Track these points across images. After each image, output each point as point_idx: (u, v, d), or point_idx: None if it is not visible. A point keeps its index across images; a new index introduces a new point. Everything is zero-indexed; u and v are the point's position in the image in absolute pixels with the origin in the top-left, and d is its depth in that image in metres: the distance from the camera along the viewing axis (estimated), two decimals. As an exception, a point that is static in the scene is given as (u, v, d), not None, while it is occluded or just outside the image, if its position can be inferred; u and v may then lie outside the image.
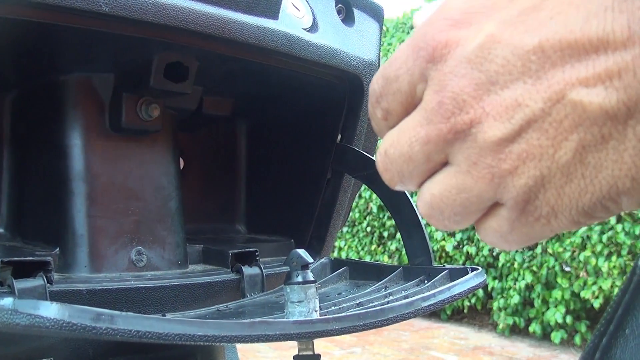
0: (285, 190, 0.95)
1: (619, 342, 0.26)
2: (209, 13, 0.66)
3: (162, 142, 0.77)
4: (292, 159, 0.93)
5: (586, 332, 3.54)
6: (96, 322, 0.46)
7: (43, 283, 0.57)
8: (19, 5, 0.57)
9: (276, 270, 0.79)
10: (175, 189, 0.78)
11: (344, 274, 0.84)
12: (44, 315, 0.46)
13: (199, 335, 0.48)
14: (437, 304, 0.64)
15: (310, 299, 0.58)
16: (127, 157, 0.74)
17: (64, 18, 0.60)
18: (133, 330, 0.46)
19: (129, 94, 0.72)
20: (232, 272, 0.76)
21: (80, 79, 0.72)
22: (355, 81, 0.85)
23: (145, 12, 0.61)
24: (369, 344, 3.79)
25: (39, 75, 0.74)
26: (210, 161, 1.00)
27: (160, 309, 0.67)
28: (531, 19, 0.26)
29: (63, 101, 0.72)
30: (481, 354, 3.64)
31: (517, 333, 3.99)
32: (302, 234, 0.91)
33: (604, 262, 3.28)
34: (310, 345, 0.66)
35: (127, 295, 0.66)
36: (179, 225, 0.77)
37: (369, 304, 0.65)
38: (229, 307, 0.68)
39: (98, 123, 0.72)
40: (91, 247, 0.69)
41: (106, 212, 0.71)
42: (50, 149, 0.73)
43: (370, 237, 5.09)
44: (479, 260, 4.10)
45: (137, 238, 0.72)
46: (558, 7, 0.26)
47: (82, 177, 0.71)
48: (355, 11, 0.87)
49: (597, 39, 0.25)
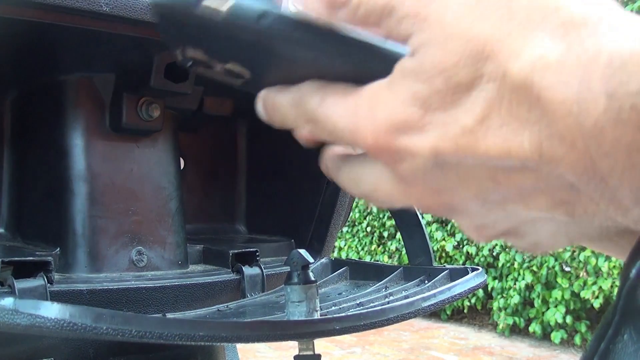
0: (286, 191, 0.95)
1: (617, 347, 0.26)
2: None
3: (163, 142, 0.77)
4: (292, 159, 0.93)
5: (586, 332, 3.54)
6: (97, 322, 0.46)
7: (43, 283, 0.57)
8: (19, 5, 0.57)
9: (277, 270, 0.79)
10: (176, 189, 0.78)
11: (344, 274, 0.84)
12: (45, 315, 0.46)
13: (200, 335, 0.48)
14: (437, 304, 0.64)
15: (310, 299, 0.58)
16: (128, 157, 0.74)
17: (65, 18, 0.60)
18: (134, 330, 0.46)
19: (130, 94, 0.71)
20: (233, 272, 0.76)
21: (80, 79, 0.72)
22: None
23: (146, 12, 0.61)
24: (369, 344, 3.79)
25: (39, 75, 0.74)
26: (210, 161, 1.00)
27: (160, 309, 0.67)
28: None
29: (63, 101, 0.72)
30: (481, 354, 3.64)
31: (517, 333, 3.99)
32: (303, 234, 0.91)
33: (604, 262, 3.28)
34: (311, 345, 0.66)
35: (128, 295, 0.66)
36: (180, 225, 0.77)
37: (369, 304, 0.65)
38: (230, 307, 0.68)
39: (98, 123, 0.72)
40: (91, 247, 0.69)
41: (106, 212, 0.71)
42: (50, 149, 0.73)
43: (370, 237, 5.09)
44: (479, 260, 4.11)
45: (138, 238, 0.72)
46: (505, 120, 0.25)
47: (82, 177, 0.71)
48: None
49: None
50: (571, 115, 0.23)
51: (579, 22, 0.24)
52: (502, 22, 0.25)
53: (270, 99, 0.34)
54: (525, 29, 0.25)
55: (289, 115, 0.33)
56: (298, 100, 0.32)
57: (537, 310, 3.76)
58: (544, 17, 0.25)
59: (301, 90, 0.32)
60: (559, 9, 0.25)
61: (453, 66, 0.25)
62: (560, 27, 0.24)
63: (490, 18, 0.25)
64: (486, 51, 0.25)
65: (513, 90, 0.24)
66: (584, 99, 0.23)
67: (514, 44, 0.24)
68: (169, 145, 0.78)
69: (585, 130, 0.23)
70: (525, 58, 0.24)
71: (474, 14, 0.25)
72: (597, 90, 0.23)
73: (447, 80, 0.25)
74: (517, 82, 0.24)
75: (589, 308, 3.54)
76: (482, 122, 0.25)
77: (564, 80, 0.23)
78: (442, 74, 0.25)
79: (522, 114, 0.24)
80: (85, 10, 0.58)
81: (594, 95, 0.23)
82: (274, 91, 0.33)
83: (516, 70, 0.24)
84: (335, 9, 0.28)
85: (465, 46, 0.25)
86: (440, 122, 0.26)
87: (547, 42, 0.24)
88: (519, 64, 0.24)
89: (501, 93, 0.25)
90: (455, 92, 0.25)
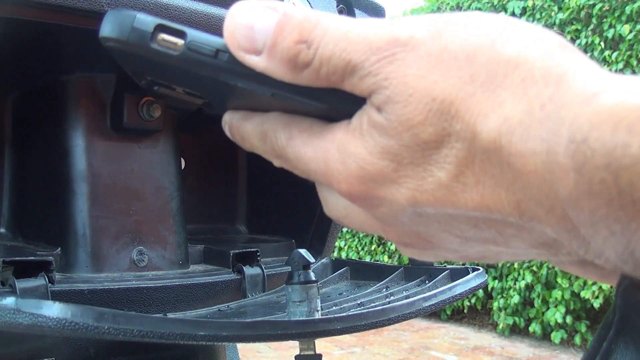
0: (287, 191, 0.95)
1: (619, 348, 0.26)
2: (209, 13, 0.66)
3: (164, 142, 0.77)
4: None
5: (586, 332, 3.54)
6: (98, 322, 0.46)
7: (45, 283, 0.57)
8: (20, 5, 0.57)
9: (277, 270, 0.79)
10: (177, 189, 0.78)
11: (345, 274, 0.85)
12: (46, 315, 0.46)
13: (201, 335, 0.48)
14: (438, 304, 0.64)
15: (311, 299, 0.58)
16: (129, 157, 0.74)
17: (66, 18, 0.60)
18: (135, 330, 0.46)
19: (131, 94, 0.72)
20: (234, 272, 0.76)
21: (81, 79, 0.72)
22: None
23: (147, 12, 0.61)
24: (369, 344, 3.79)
25: (40, 75, 0.74)
26: (211, 161, 1.00)
27: (161, 309, 0.68)
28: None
29: (65, 101, 0.72)
30: (481, 354, 3.64)
31: (517, 333, 3.99)
32: (303, 234, 0.91)
33: (604, 262, 3.28)
34: (312, 345, 0.66)
35: (129, 295, 0.66)
36: (180, 225, 0.77)
37: (370, 304, 0.65)
38: (230, 307, 0.68)
39: (99, 123, 0.72)
40: (93, 247, 0.69)
41: (107, 212, 0.71)
42: (51, 149, 0.73)
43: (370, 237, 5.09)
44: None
45: (139, 238, 0.72)
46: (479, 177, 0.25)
47: (83, 177, 0.71)
48: (356, 11, 0.87)
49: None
50: (545, 183, 0.23)
51: (539, 80, 0.24)
52: (464, 82, 0.25)
53: (235, 126, 0.33)
54: (488, 89, 0.24)
55: (258, 147, 0.32)
56: (264, 135, 0.31)
57: (537, 310, 3.76)
58: (505, 75, 0.24)
59: (266, 124, 0.31)
60: (518, 66, 0.24)
61: (419, 123, 0.25)
62: (521, 85, 0.24)
63: (452, 78, 0.25)
64: (452, 111, 0.25)
65: (484, 151, 0.24)
66: (554, 170, 0.22)
67: (479, 105, 0.24)
68: (170, 145, 0.78)
69: (562, 199, 0.23)
70: (491, 120, 0.24)
71: (435, 73, 0.25)
72: (565, 165, 0.22)
73: (415, 137, 0.25)
74: (486, 145, 0.24)
75: (589, 308, 3.54)
76: (457, 179, 0.25)
77: (531, 149, 0.23)
78: (409, 131, 0.25)
79: (496, 174, 0.24)
80: (87, 10, 0.58)
81: (562, 169, 0.22)
82: (238, 117, 0.33)
83: (484, 134, 0.24)
84: (298, 70, 0.27)
85: (430, 105, 0.25)
86: (415, 175, 0.26)
87: (510, 102, 0.24)
88: (487, 127, 0.24)
89: (472, 152, 0.25)
90: (424, 148, 0.25)
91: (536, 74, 0.24)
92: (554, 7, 3.78)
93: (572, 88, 0.23)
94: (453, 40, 0.26)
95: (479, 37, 0.25)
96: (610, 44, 3.50)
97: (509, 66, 0.24)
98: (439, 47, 0.26)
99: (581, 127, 0.22)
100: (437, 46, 0.26)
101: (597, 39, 3.52)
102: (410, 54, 0.26)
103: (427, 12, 4.76)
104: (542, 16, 3.84)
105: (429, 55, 0.26)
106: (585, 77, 0.23)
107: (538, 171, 0.23)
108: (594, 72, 0.24)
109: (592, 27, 3.57)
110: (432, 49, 0.26)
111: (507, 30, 0.26)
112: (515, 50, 0.25)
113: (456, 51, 0.25)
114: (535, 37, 0.25)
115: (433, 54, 0.26)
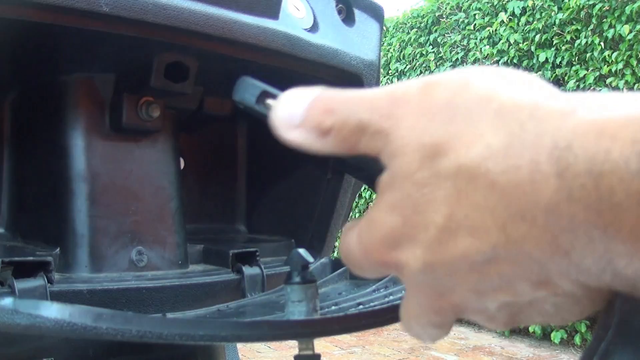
0: (286, 190, 0.95)
1: (617, 348, 0.26)
2: (209, 13, 0.66)
3: (163, 142, 0.77)
4: (292, 158, 0.93)
5: (586, 332, 3.54)
6: (97, 322, 0.46)
7: (43, 283, 0.57)
8: (19, 6, 0.57)
9: (277, 270, 0.79)
10: (176, 189, 0.78)
11: (344, 274, 0.84)
12: (44, 315, 0.46)
13: (200, 334, 0.48)
14: (437, 303, 0.64)
15: (311, 299, 0.58)
16: (128, 157, 0.74)
17: (65, 18, 0.60)
18: (134, 330, 0.46)
19: (130, 94, 0.72)
20: (233, 272, 0.76)
21: (81, 79, 0.72)
22: (355, 81, 0.85)
23: (146, 13, 0.61)
24: (369, 344, 3.79)
25: (39, 75, 0.74)
26: (210, 161, 1.00)
27: (160, 309, 0.68)
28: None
29: (64, 101, 0.72)
30: (481, 354, 3.64)
31: (517, 333, 3.99)
32: (303, 234, 0.91)
33: (604, 262, 3.28)
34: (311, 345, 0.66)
35: (128, 295, 0.66)
36: (180, 225, 0.77)
37: (369, 303, 0.65)
38: (230, 307, 0.68)
39: (99, 123, 0.72)
40: (92, 247, 0.69)
41: (107, 212, 0.71)
42: (50, 149, 0.73)
43: (370, 237, 5.08)
44: (479, 260, 4.10)
45: (138, 238, 0.72)
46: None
47: (82, 177, 0.71)
48: (355, 11, 0.87)
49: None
50: (526, 195, 0.25)
51: (512, 108, 0.26)
52: (447, 123, 0.27)
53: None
54: (468, 125, 0.27)
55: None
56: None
57: (537, 310, 3.76)
58: (481, 109, 0.27)
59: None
60: (491, 100, 0.27)
61: (417, 170, 0.28)
62: (497, 115, 0.26)
63: (437, 121, 0.28)
64: (440, 152, 0.27)
65: (469, 181, 0.26)
66: (535, 179, 0.24)
67: (462, 140, 0.27)
68: (169, 145, 0.78)
69: (542, 206, 0.24)
70: (474, 150, 0.26)
71: (423, 121, 0.28)
72: (546, 172, 0.24)
73: (415, 184, 0.28)
74: (470, 172, 0.26)
75: (589, 308, 3.54)
76: (451, 218, 0.27)
77: (514, 164, 0.25)
78: (409, 179, 0.28)
79: (480, 202, 0.26)
80: (85, 11, 0.58)
81: (544, 176, 0.24)
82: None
83: (468, 162, 0.26)
84: (324, 136, 0.31)
85: (422, 151, 0.27)
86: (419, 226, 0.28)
87: (490, 131, 0.26)
88: (470, 156, 0.26)
89: (458, 187, 0.27)
90: (423, 193, 0.28)
91: (507, 105, 0.26)
92: (554, 7, 3.78)
93: (548, 107, 0.25)
94: (436, 90, 0.28)
95: (457, 82, 0.28)
96: (610, 44, 3.50)
97: (482, 101, 0.27)
98: (426, 98, 0.29)
99: (564, 135, 0.24)
100: (424, 98, 0.29)
101: (597, 39, 3.52)
102: (403, 108, 0.29)
103: (427, 12, 4.75)
104: (542, 16, 3.84)
105: (418, 106, 0.29)
106: (559, 99, 0.26)
107: (520, 184, 0.25)
108: (566, 95, 0.26)
109: (592, 27, 3.57)
110: (420, 101, 0.29)
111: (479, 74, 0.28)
112: (488, 88, 0.27)
113: (438, 98, 0.28)
114: (506, 77, 0.28)
115: (421, 105, 0.28)
